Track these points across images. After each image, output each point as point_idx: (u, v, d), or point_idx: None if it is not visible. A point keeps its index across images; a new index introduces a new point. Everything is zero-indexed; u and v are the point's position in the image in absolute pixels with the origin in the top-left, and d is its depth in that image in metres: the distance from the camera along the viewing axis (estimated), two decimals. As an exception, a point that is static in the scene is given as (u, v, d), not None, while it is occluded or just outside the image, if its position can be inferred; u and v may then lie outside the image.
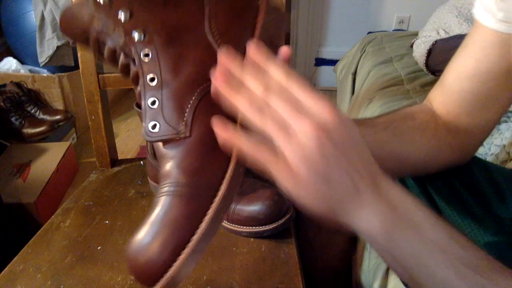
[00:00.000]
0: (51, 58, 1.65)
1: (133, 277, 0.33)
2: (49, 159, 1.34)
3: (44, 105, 1.71)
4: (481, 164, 0.57)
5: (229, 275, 0.52)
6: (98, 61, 0.70)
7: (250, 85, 0.32)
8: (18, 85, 1.62)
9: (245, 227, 0.57)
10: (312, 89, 0.31)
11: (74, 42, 0.44)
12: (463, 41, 0.51)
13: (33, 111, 1.63)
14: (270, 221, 0.56)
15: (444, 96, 0.53)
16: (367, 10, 2.13)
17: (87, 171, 1.46)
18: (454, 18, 1.29)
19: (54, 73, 1.71)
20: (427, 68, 1.27)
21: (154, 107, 0.36)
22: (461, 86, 0.50)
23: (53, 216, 0.64)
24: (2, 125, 1.54)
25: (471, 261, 0.32)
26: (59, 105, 1.73)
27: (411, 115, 0.52)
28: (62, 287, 0.51)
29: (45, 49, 1.64)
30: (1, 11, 1.70)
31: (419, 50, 1.29)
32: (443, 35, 1.27)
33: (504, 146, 0.79)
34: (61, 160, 1.34)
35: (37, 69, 1.74)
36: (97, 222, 0.62)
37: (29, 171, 1.28)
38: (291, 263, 0.54)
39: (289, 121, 0.30)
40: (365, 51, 1.60)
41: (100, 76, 0.71)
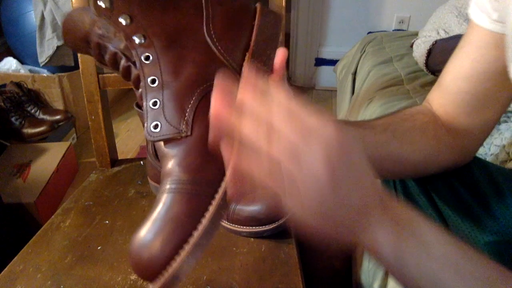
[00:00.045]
0: (51, 58, 1.65)
1: (135, 273, 0.33)
2: (49, 159, 1.34)
3: (44, 105, 1.71)
4: (481, 164, 0.57)
5: (229, 275, 0.52)
6: (99, 65, 0.70)
7: (251, 108, 0.30)
8: (18, 85, 1.62)
9: (245, 227, 0.57)
10: (313, 108, 0.30)
11: (76, 50, 0.45)
12: (460, 41, 0.51)
13: (33, 111, 1.63)
14: (270, 221, 0.56)
15: (442, 97, 0.53)
16: (367, 10, 2.13)
17: (87, 171, 1.46)
18: (454, 18, 1.29)
19: (54, 73, 1.71)
20: (427, 68, 1.27)
21: (156, 108, 0.37)
22: (459, 86, 0.51)
23: (53, 216, 0.64)
24: (2, 125, 1.54)
25: (483, 275, 0.32)
26: (59, 105, 1.73)
27: (410, 116, 0.52)
28: (62, 287, 0.51)
29: (45, 49, 1.64)
30: (1, 11, 1.70)
31: (419, 50, 1.29)
32: (443, 35, 1.27)
33: (504, 146, 0.79)
34: (61, 160, 1.34)
35: (37, 69, 1.74)
36: (97, 222, 0.63)
37: (29, 171, 1.28)
38: (291, 263, 0.54)
39: (297, 144, 0.29)
40: (365, 51, 1.60)
41: (100, 76, 0.71)
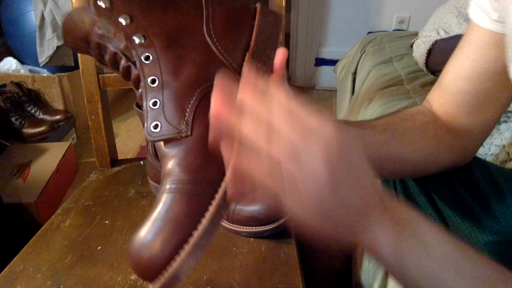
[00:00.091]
0: (51, 58, 1.65)
1: (135, 273, 0.33)
2: (49, 159, 1.34)
3: (44, 105, 1.71)
4: (481, 164, 0.57)
5: (229, 275, 0.52)
6: (99, 66, 0.70)
7: (251, 108, 0.30)
8: (18, 85, 1.62)
9: (245, 227, 0.57)
10: (313, 108, 0.30)
11: (76, 50, 0.45)
12: (460, 41, 0.51)
13: (33, 111, 1.63)
14: (270, 221, 0.56)
15: (442, 97, 0.53)
16: (367, 10, 2.13)
17: (87, 171, 1.46)
18: (454, 18, 1.29)
19: (54, 73, 1.71)
20: (427, 68, 1.27)
21: (156, 108, 0.37)
22: (459, 86, 0.51)
23: (53, 216, 0.64)
24: (2, 125, 1.54)
25: (483, 275, 0.32)
26: (59, 105, 1.73)
27: (410, 116, 0.52)
28: (62, 287, 0.51)
29: (45, 49, 1.64)
30: (1, 11, 1.70)
31: (419, 50, 1.29)
32: (443, 35, 1.27)
33: (504, 146, 0.79)
34: (61, 160, 1.34)
35: (37, 69, 1.74)
36: (97, 222, 0.63)
37: (29, 171, 1.28)
38: (291, 263, 0.54)
39: (297, 144, 0.29)
40: (365, 51, 1.60)
41: (100, 76, 0.71)
